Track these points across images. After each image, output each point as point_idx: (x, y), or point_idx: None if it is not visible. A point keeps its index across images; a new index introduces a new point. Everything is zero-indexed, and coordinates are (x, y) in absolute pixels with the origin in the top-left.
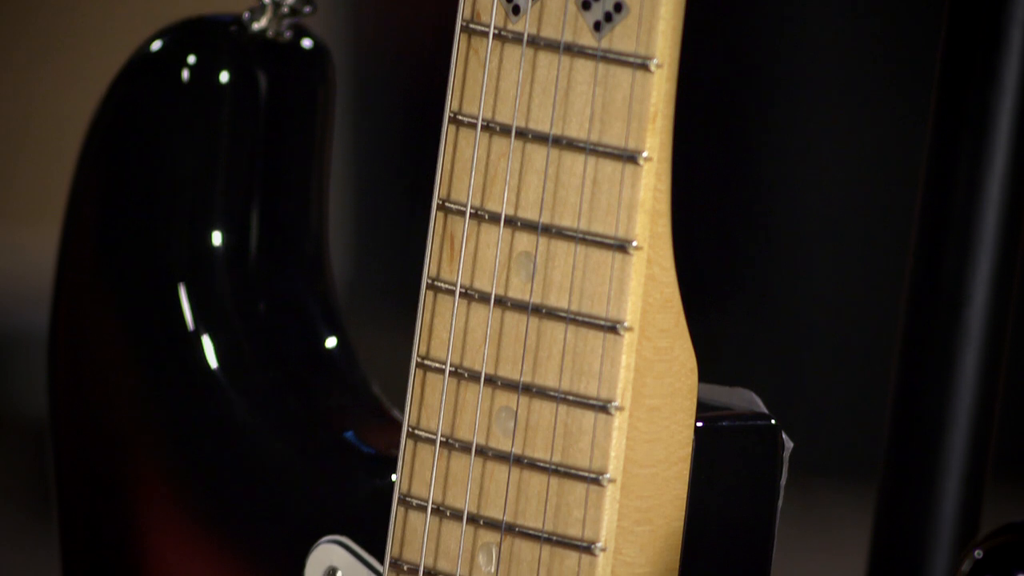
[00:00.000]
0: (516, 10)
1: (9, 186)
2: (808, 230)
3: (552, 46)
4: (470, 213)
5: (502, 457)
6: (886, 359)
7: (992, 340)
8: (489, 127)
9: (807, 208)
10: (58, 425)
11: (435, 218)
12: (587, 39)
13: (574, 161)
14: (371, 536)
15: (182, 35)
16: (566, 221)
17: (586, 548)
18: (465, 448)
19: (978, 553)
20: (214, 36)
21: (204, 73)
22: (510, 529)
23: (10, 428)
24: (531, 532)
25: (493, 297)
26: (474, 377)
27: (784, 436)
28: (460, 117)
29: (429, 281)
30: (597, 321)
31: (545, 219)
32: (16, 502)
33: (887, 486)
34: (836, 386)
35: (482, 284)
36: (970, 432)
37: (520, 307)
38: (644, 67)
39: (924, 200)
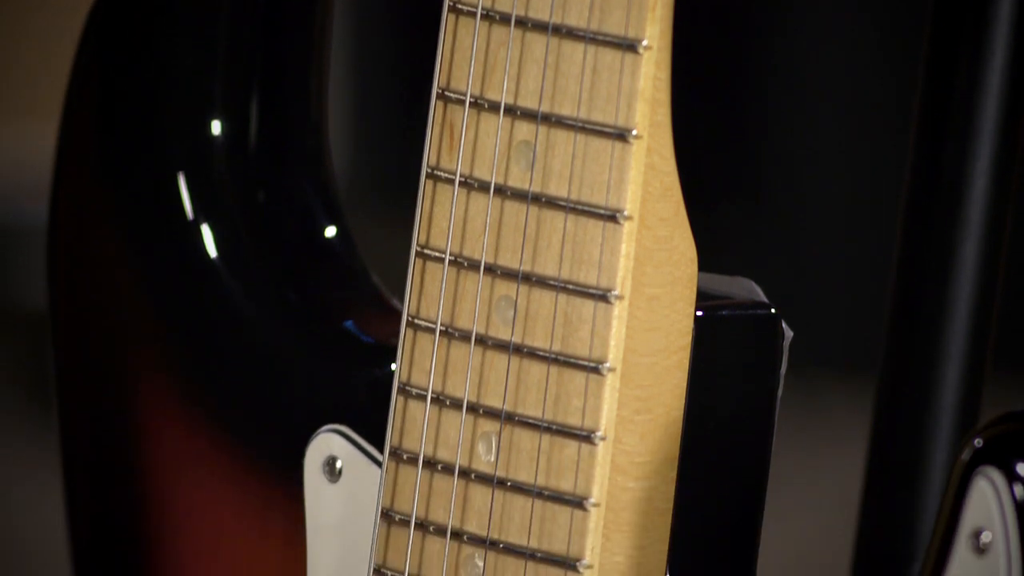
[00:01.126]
0: None
1: (8, 77)
2: (809, 121)
3: None
4: (470, 102)
5: (502, 346)
6: (887, 249)
7: (992, 229)
8: (489, 16)
9: (808, 98)
10: (58, 316)
11: (435, 107)
12: None
13: (574, 50)
14: (371, 425)
15: None
16: (566, 110)
17: (586, 437)
18: (465, 337)
19: (978, 442)
20: None
21: None
22: (510, 418)
23: (10, 319)
24: (531, 421)
25: (493, 186)
26: (474, 266)
27: (784, 325)
28: (460, 6)
29: (429, 170)
30: (597, 210)
31: (545, 108)
32: (16, 393)
33: (887, 376)
34: (836, 277)
35: (482, 173)
36: (970, 321)
37: (520, 196)
38: None
39: (924, 89)
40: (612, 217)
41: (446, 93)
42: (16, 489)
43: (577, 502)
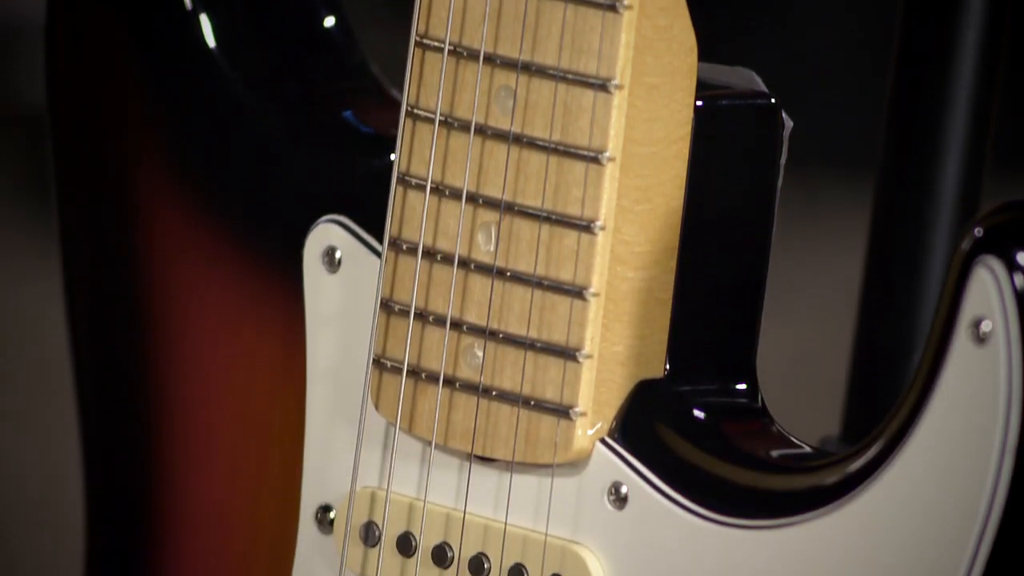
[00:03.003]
0: None
1: None
2: None
3: None
4: None
5: (501, 136)
6: (887, 43)
7: (992, 20)
8: None
9: None
10: (57, 111)
11: None
12: None
13: None
14: (370, 216)
15: None
16: None
17: (585, 227)
18: (464, 127)
19: (978, 231)
20: None
21: None
22: (509, 208)
23: (10, 116)
24: (530, 211)
25: None
26: (473, 55)
27: (784, 115)
28: None
29: None
30: None
31: None
32: (17, 190)
33: (887, 167)
34: (835, 70)
35: None
36: (970, 111)
37: None
38: None
39: None
40: (612, 6)
41: None
42: (14, 295)
43: (577, 292)
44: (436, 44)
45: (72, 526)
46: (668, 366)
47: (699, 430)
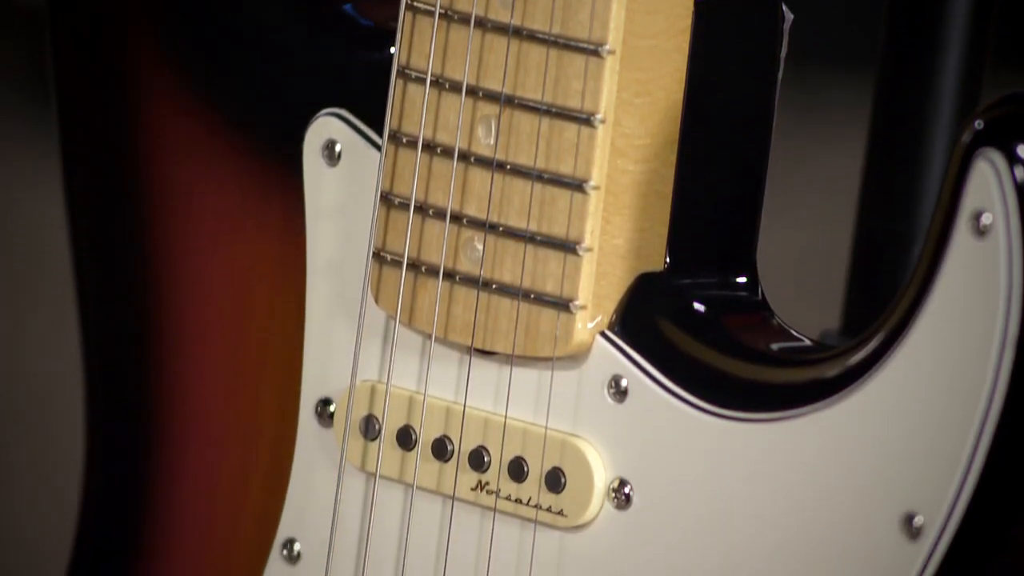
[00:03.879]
0: None
1: None
2: None
3: None
4: None
5: (501, 28)
6: None
7: None
8: None
9: None
10: (55, 6)
11: None
12: None
13: None
14: (370, 109)
15: None
16: None
17: (585, 120)
18: (464, 19)
19: (978, 124)
20: None
21: None
22: (509, 101)
23: (9, 15)
24: (530, 104)
25: None
26: None
27: (784, 8)
28: None
29: None
30: None
31: None
32: (15, 91)
33: (887, 60)
34: None
35: None
36: (971, 5)
37: None
38: None
39: None
40: None
41: None
42: (16, 196)
43: (577, 185)
44: None
45: (72, 422)
46: (668, 259)
47: (699, 323)
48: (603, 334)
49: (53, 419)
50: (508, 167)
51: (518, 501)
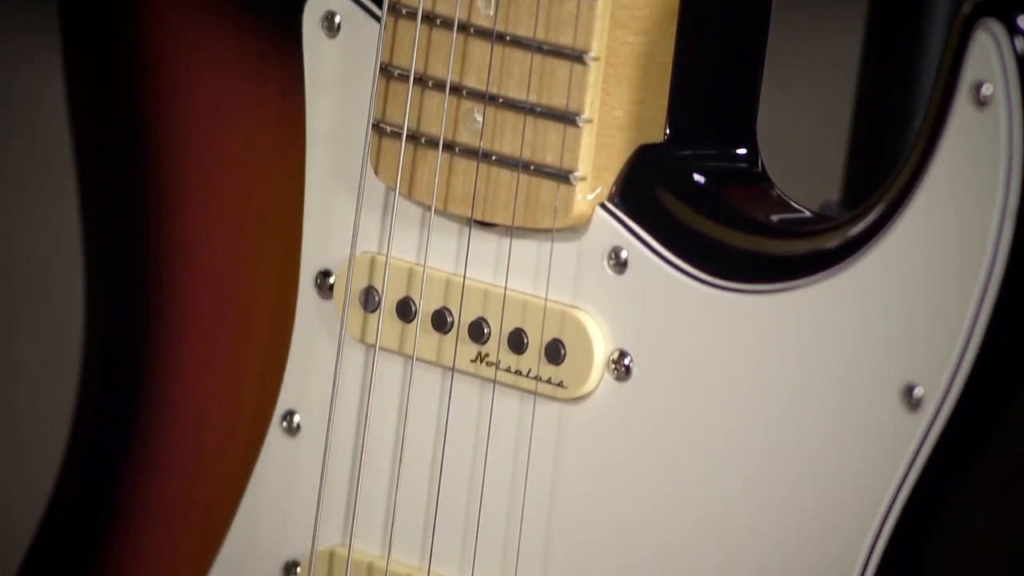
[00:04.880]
0: None
1: None
2: None
3: None
4: None
5: None
6: None
7: None
8: None
9: None
10: None
11: None
12: None
13: None
14: None
15: None
16: None
17: None
18: None
19: None
20: None
21: None
22: None
23: None
24: None
25: None
26: None
27: None
28: None
29: None
30: None
31: None
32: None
33: None
34: None
35: None
36: None
37: None
38: None
39: None
40: None
41: None
42: (15, 72)
43: (577, 56)
44: None
45: (73, 302)
46: (668, 131)
47: (699, 194)
48: (603, 205)
49: (53, 292)
50: (508, 38)
51: (518, 373)
